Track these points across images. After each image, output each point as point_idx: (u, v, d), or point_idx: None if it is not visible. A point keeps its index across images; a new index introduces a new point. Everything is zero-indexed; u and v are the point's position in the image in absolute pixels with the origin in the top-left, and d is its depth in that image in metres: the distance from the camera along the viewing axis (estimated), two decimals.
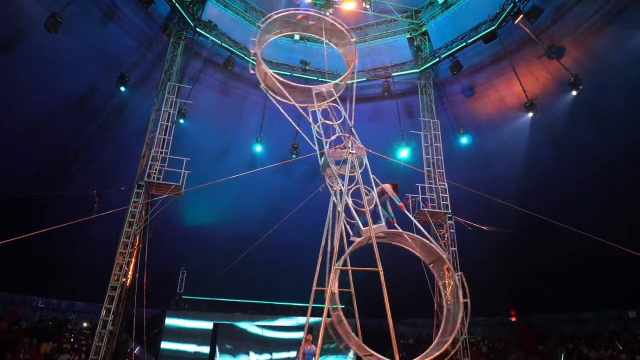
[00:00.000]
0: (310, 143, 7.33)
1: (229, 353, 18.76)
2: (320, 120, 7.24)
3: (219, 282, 15.67)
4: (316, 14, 7.98)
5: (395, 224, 6.89)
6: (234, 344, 19.02)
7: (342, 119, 7.35)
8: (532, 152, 15.84)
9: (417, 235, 6.65)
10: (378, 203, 6.71)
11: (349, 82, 7.82)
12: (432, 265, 7.06)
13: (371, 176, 6.87)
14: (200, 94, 16.36)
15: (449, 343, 5.93)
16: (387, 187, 7.33)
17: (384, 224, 6.50)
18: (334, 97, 7.47)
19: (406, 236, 6.61)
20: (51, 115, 14.02)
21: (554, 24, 14.02)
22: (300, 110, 7.46)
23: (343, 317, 6.11)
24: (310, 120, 7.33)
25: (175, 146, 12.55)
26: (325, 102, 7.45)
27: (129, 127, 15.78)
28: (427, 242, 6.62)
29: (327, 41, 8.22)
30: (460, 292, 6.20)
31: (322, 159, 7.14)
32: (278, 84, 7.28)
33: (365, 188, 6.65)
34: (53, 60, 13.00)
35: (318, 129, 7.12)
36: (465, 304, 6.19)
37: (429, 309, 12.30)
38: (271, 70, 7.42)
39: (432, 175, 13.83)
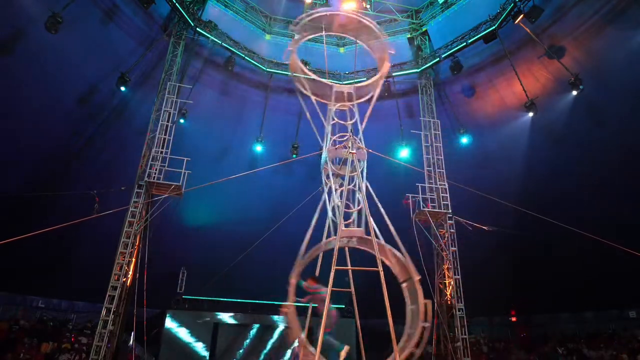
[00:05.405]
0: (319, 139, 7.28)
1: (228, 353, 18.74)
2: (334, 119, 7.11)
3: (219, 282, 15.66)
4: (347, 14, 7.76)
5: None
6: (234, 344, 19.00)
7: (354, 120, 7.20)
8: (532, 152, 15.83)
9: (391, 248, 5.99)
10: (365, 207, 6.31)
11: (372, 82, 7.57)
12: (404, 284, 6.17)
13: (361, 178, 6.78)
14: (200, 94, 16.34)
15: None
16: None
17: (360, 229, 6.13)
18: (353, 102, 7.31)
19: (382, 245, 5.94)
20: (51, 115, 14.02)
21: (554, 24, 14.01)
22: (316, 106, 7.37)
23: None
24: (322, 118, 7.24)
25: (175, 146, 12.56)
26: (343, 103, 7.23)
27: (129, 127, 15.76)
28: (402, 257, 5.91)
29: (359, 41, 8.06)
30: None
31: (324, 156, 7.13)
32: (304, 79, 7.26)
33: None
34: (53, 60, 12.99)
35: (328, 127, 7.03)
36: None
37: None
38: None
39: (433, 175, 13.84)
